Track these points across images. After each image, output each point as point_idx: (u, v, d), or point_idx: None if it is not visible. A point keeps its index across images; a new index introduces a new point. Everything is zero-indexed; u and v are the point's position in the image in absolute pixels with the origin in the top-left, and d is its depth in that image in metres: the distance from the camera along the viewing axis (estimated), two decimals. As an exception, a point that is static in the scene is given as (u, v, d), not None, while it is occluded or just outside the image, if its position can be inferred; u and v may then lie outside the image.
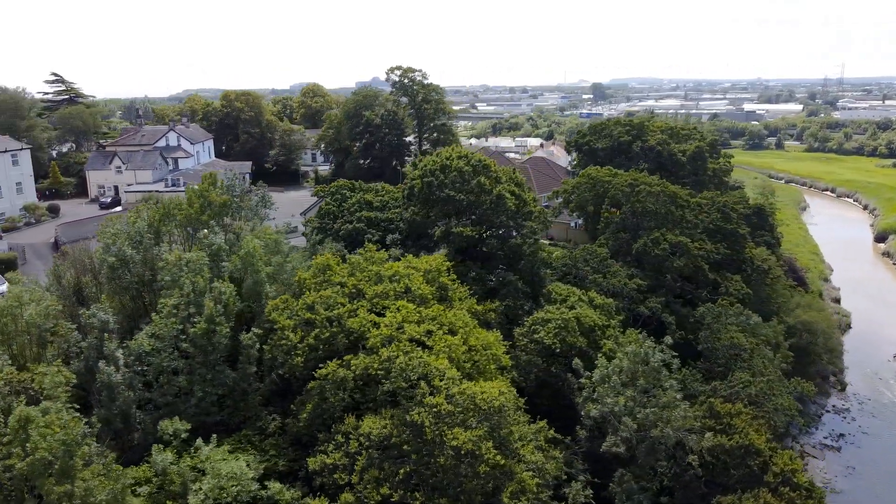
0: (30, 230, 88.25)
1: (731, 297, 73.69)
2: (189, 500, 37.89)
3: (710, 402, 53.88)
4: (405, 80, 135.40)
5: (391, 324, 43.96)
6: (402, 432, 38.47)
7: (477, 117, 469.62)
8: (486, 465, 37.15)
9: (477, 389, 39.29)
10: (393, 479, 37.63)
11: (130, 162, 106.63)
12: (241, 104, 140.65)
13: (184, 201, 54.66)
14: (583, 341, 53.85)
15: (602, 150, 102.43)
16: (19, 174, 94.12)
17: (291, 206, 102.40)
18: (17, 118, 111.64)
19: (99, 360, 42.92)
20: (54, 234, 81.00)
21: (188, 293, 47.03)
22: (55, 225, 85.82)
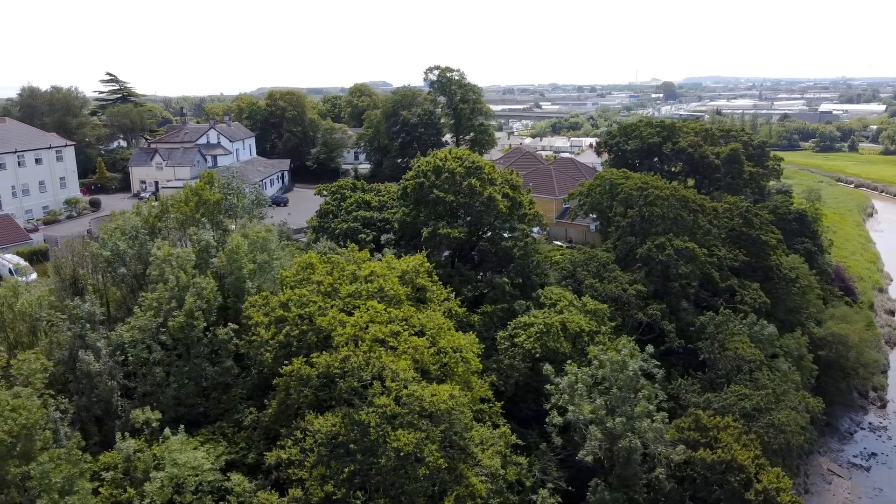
0: (70, 223, 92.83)
1: (747, 305, 71.24)
2: (145, 487, 39.32)
3: (696, 415, 52.40)
4: (443, 80, 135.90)
5: (357, 323, 44.42)
6: (350, 431, 38.91)
7: (538, 116, 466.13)
8: (427, 468, 37.14)
9: (426, 392, 39.30)
10: (338, 477, 38.11)
11: (170, 158, 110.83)
12: (285, 103, 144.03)
13: (182, 199, 56.52)
14: (567, 346, 53.12)
15: (631, 151, 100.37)
16: (63, 169, 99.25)
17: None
18: (68, 116, 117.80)
19: (79, 350, 44.92)
20: (87, 228, 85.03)
21: (172, 287, 48.76)
22: (90, 218, 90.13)
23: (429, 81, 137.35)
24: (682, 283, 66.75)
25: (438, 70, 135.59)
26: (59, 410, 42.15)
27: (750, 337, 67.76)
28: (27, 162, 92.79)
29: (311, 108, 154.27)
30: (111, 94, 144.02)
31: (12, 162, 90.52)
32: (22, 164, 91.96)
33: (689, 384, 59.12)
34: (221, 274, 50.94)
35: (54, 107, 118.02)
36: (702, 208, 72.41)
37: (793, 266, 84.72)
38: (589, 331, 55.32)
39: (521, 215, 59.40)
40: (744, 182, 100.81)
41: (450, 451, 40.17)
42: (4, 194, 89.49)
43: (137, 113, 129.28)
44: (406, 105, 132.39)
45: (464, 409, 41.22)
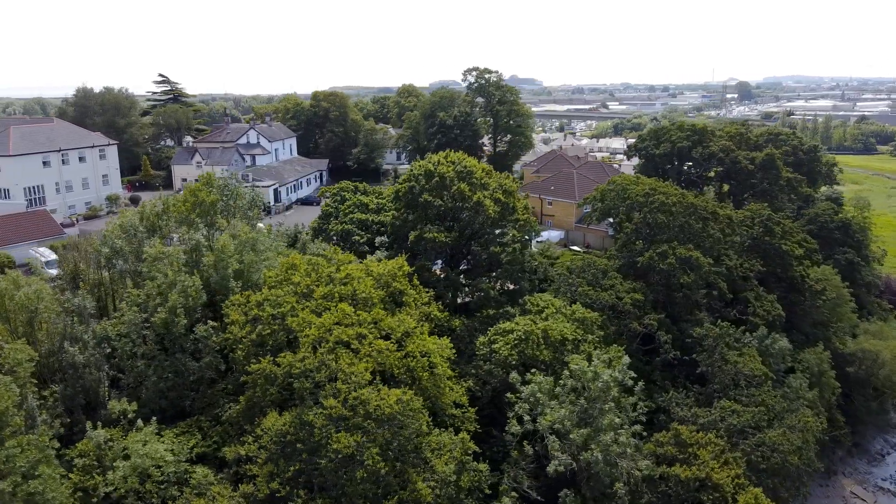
0: (108, 218, 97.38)
1: (759, 317, 68.78)
2: (108, 475, 41.24)
3: (676, 429, 51.11)
4: (481, 82, 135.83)
5: (323, 325, 45.26)
6: (298, 431, 39.78)
7: (603, 117, 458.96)
8: (366, 470, 37.62)
9: (372, 396, 39.76)
10: (284, 475, 39.07)
11: (210, 158, 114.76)
12: (328, 104, 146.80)
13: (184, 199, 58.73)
14: (548, 355, 52.59)
15: (659, 156, 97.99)
16: (106, 167, 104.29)
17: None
18: (118, 116, 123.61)
19: (64, 341, 47.39)
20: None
21: (159, 284, 50.85)
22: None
23: (467, 83, 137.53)
24: (686, 292, 64.93)
25: (477, 71, 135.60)
26: (39, 398, 44.53)
27: (759, 351, 65.54)
28: (71, 160, 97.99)
29: (354, 109, 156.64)
30: (163, 95, 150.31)
31: (57, 160, 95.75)
32: (66, 162, 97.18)
33: (680, 397, 57.56)
34: (210, 272, 52.72)
35: (105, 107, 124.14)
36: (714, 216, 70.16)
37: (820, 277, 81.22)
38: (574, 339, 54.57)
39: (513, 220, 59.04)
40: (779, 188, 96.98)
41: (396, 455, 40.54)
42: (49, 190, 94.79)
43: (183, 113, 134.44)
44: (444, 106, 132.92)
45: (417, 414, 41.46)
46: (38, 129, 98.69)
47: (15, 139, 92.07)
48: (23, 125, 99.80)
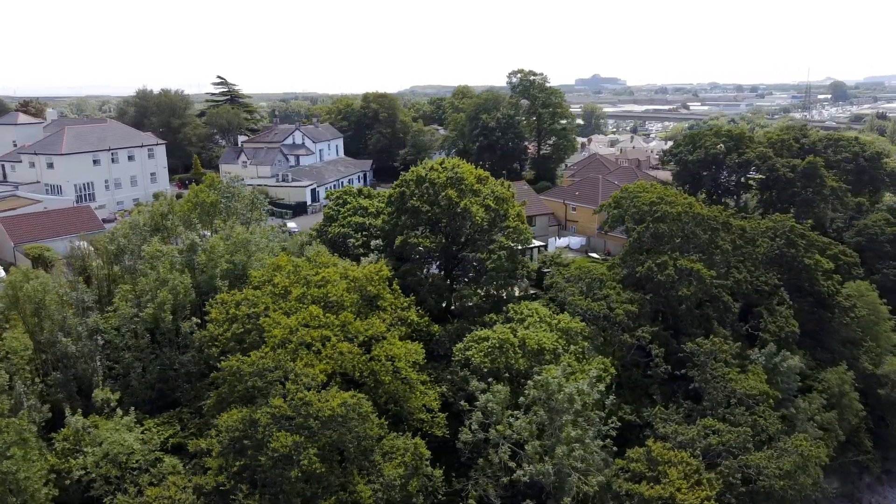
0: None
1: (769, 333, 66.18)
2: (79, 460, 44.00)
3: (647, 446, 50.08)
4: (525, 84, 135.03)
5: (287, 326, 46.77)
6: (247, 428, 41.37)
7: (680, 118, 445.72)
8: (301, 470, 38.80)
9: (313, 397, 40.90)
10: (230, 469, 40.76)
11: (254, 158, 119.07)
12: (377, 105, 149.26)
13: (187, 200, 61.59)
14: (523, 363, 52.43)
15: (692, 162, 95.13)
16: (154, 165, 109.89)
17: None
18: (172, 116, 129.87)
19: (58, 332, 50.74)
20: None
21: (153, 281, 53.67)
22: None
23: (511, 84, 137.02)
24: (689, 305, 63.18)
25: (521, 73, 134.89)
26: (31, 384, 47.89)
27: (767, 368, 63.14)
28: (120, 158, 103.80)
29: (403, 110, 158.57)
30: (221, 96, 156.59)
31: (106, 158, 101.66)
32: (115, 161, 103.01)
33: (667, 412, 56.15)
34: (202, 271, 55.21)
35: (161, 108, 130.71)
36: (725, 226, 67.88)
37: (852, 293, 77.18)
38: (553, 349, 54.16)
39: (503, 228, 59.02)
40: (822, 198, 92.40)
41: (343, 457, 41.57)
42: (98, 187, 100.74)
43: (234, 114, 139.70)
44: (487, 109, 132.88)
45: (364, 417, 42.33)
46: (92, 129, 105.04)
47: (68, 139, 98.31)
48: (77, 125, 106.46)
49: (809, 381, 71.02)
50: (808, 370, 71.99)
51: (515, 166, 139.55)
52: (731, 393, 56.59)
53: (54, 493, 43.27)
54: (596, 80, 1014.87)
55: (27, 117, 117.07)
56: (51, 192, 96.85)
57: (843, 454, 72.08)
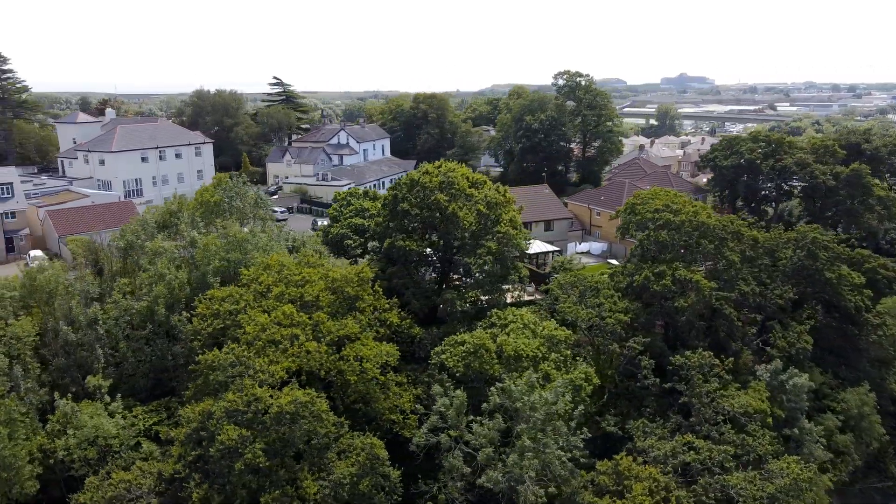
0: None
1: (777, 349, 63.50)
2: (62, 441, 47.06)
3: (616, 460, 49.17)
4: (571, 85, 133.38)
5: (259, 324, 48.52)
6: (205, 420, 43.27)
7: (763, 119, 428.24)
8: (244, 464, 40.31)
9: (264, 394, 42.33)
10: (186, 458, 42.79)
11: (299, 157, 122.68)
12: (427, 106, 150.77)
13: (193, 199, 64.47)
14: (498, 369, 52.43)
15: (726, 168, 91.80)
16: (201, 163, 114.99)
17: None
18: (225, 116, 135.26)
19: (60, 321, 54.27)
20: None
21: (152, 275, 56.64)
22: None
23: (556, 86, 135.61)
24: (689, 317, 61.32)
25: (567, 74, 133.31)
26: (25, 369, 51.44)
27: (772, 386, 60.65)
28: (167, 156, 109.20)
29: (453, 111, 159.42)
30: (276, 96, 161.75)
31: (154, 156, 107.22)
32: (163, 158, 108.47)
33: (651, 426, 54.73)
34: (197, 267, 57.78)
35: (215, 107, 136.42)
36: (736, 236, 65.41)
37: (886, 310, 72.97)
38: (533, 356, 53.86)
39: (494, 233, 59.01)
40: (867, 207, 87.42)
41: (297, 452, 42.88)
42: (146, 183, 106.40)
43: (285, 114, 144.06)
44: (533, 110, 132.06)
45: (318, 416, 43.45)
46: (142, 127, 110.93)
47: (119, 137, 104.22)
48: (129, 124, 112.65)
49: (827, 400, 67.86)
50: (828, 389, 68.78)
51: (560, 168, 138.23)
52: (720, 410, 54.64)
53: (38, 470, 46.57)
54: (682, 79, 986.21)
55: (86, 116, 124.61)
56: (102, 188, 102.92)
57: (864, 479, 68.36)
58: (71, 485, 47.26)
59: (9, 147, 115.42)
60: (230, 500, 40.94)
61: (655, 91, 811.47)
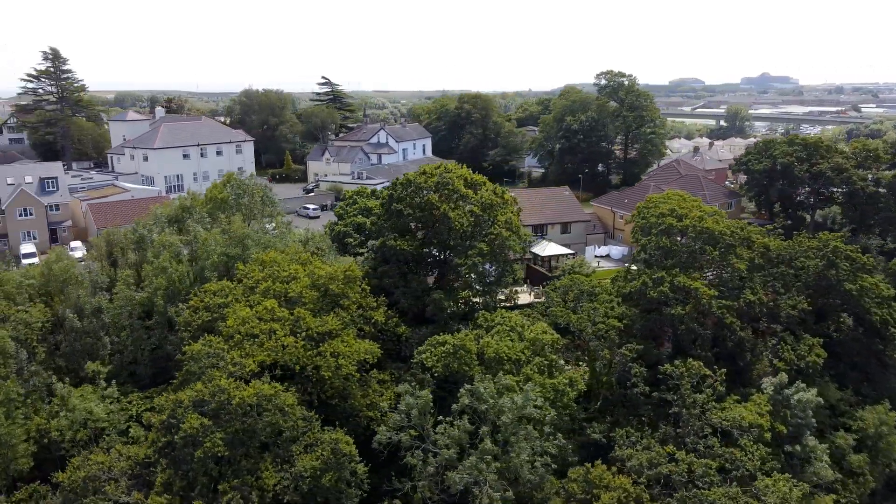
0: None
1: (784, 362, 61.02)
2: (54, 422, 49.79)
3: (587, 468, 48.47)
4: (613, 85, 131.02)
5: (239, 318, 50.08)
6: (175, 408, 45.03)
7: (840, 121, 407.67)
8: (204, 452, 41.76)
9: (229, 385, 43.67)
10: (157, 445, 44.66)
11: (338, 155, 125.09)
12: (470, 106, 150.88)
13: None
14: (477, 371, 52.40)
15: (759, 172, 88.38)
16: (241, 160, 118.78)
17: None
18: (271, 115, 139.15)
19: (66, 309, 57.36)
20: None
21: (157, 267, 59.21)
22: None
23: (598, 86, 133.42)
24: (690, 324, 59.60)
25: (608, 75, 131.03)
26: (29, 353, 54.56)
27: (775, 400, 58.37)
28: (208, 153, 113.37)
29: (498, 111, 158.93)
30: (324, 96, 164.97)
31: (196, 153, 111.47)
32: (204, 155, 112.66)
33: (636, 435, 53.51)
34: (196, 261, 60.02)
35: (262, 106, 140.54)
36: (745, 243, 63.08)
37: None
38: (516, 359, 53.58)
39: (485, 235, 58.95)
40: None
41: (264, 443, 44.12)
42: (187, 179, 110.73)
43: (328, 113, 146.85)
44: (574, 110, 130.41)
45: (281, 409, 44.52)
46: (185, 125, 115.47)
47: (162, 134, 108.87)
48: (173, 122, 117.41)
49: (844, 418, 64.76)
50: (845, 406, 65.64)
51: (602, 169, 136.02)
52: (709, 422, 52.98)
53: (33, 449, 49.47)
54: (764, 79, 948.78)
55: (136, 114, 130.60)
56: (145, 183, 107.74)
57: (884, 502, 64.98)
58: (63, 464, 49.95)
59: (66, 143, 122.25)
60: (192, 486, 42.43)
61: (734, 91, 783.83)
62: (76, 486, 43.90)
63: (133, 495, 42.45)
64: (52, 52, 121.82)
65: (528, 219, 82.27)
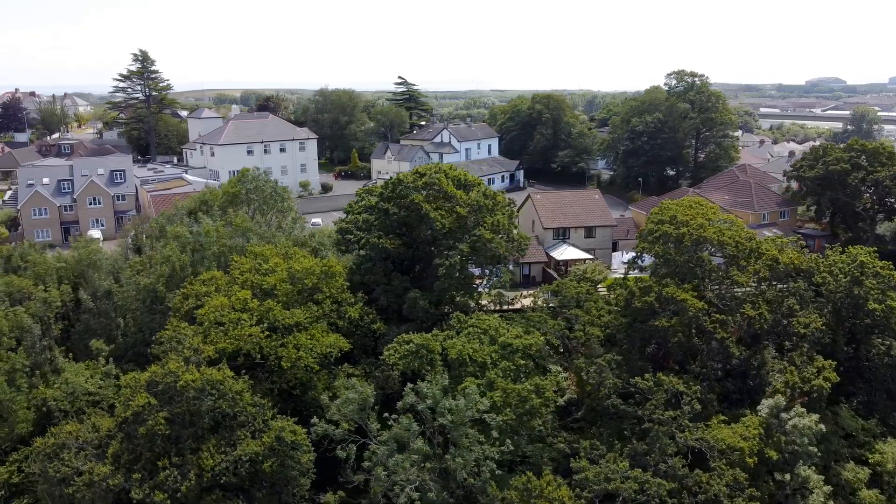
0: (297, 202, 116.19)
1: (783, 384, 56.97)
2: (50, 392, 54.63)
3: (528, 477, 47.63)
4: (685, 86, 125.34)
5: (212, 307, 52.90)
6: (133, 387, 48.30)
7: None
8: (146, 429, 44.66)
9: (178, 368, 46.32)
10: (118, 419, 48.12)
11: (399, 153, 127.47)
12: (542, 106, 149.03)
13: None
14: (439, 371, 52.58)
15: (809, 179, 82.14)
16: (304, 157, 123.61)
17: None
18: (341, 114, 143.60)
19: (79, 290, 62.63)
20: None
21: (165, 256, 63.49)
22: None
23: (668, 86, 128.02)
24: (680, 338, 56.83)
25: (678, 75, 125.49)
26: (43, 329, 59.95)
27: (769, 424, 54.76)
28: (272, 150, 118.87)
29: (571, 112, 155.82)
30: (400, 95, 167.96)
31: (259, 149, 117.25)
32: (267, 152, 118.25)
33: (601, 448, 51.74)
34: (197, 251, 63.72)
35: (334, 105, 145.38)
36: (753, 255, 59.20)
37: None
38: (482, 362, 53.30)
39: (466, 237, 58.84)
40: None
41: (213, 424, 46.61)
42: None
43: (396, 113, 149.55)
44: (641, 112, 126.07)
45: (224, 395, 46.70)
46: (252, 123, 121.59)
47: (228, 131, 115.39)
48: (241, 120, 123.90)
49: (863, 449, 59.68)
50: (866, 437, 60.43)
51: (671, 173, 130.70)
52: (677, 440, 50.45)
53: (33, 416, 54.54)
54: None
55: (211, 112, 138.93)
56: (212, 177, 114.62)
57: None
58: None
59: (151, 139, 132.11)
60: (137, 459, 45.45)
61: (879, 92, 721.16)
62: (47, 451, 48.01)
63: (87, 464, 45.91)
64: (141, 55, 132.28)
65: (549, 222, 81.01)
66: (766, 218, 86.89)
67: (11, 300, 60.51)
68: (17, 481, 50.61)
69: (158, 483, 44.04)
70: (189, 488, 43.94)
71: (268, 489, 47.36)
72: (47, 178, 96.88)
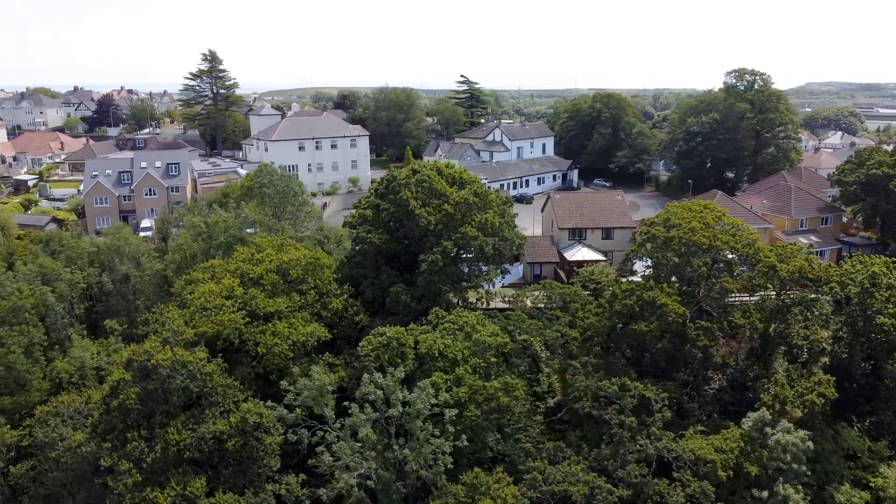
0: (344, 196, 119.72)
1: (771, 396, 54.42)
2: (60, 364, 59.51)
3: (476, 472, 47.99)
4: (745, 84, 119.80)
5: (201, 293, 56.13)
6: (130, 365, 51.97)
7: None
8: (118, 402, 48.11)
9: (154, 347, 49.51)
10: (104, 391, 52.03)
11: (450, 151, 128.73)
12: (601, 105, 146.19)
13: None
14: (411, 364, 53.66)
15: (850, 184, 77.22)
16: (355, 154, 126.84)
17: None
18: (398, 112, 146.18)
19: (103, 273, 67.68)
20: (324, 202, 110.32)
21: (179, 245, 67.77)
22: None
23: (726, 86, 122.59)
24: (664, 345, 55.36)
25: (737, 73, 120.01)
26: (66, 308, 65.20)
27: (751, 438, 52.57)
28: (324, 146, 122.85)
29: (632, 111, 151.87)
30: (462, 94, 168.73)
31: (311, 146, 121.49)
32: (319, 148, 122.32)
33: (567, 451, 51.19)
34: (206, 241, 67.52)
35: (391, 103, 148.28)
36: (751, 259, 56.68)
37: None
38: (452, 358, 53.91)
39: (452, 235, 59.49)
40: None
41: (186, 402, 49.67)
42: (301, 169, 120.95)
43: (452, 112, 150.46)
44: (695, 112, 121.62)
45: (200, 376, 49.58)
46: (305, 120, 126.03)
47: (282, 127, 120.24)
48: (295, 117, 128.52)
49: (867, 472, 56.17)
50: (871, 459, 56.77)
51: (730, 175, 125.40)
52: (641, 449, 49.26)
53: (48, 385, 59.63)
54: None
55: (270, 109, 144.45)
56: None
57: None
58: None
59: (217, 134, 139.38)
60: (112, 430, 49.04)
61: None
62: (43, 419, 52.54)
63: (68, 430, 49.96)
64: (210, 55, 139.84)
65: (564, 222, 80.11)
66: (804, 224, 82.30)
67: (43, 280, 66.07)
68: (26, 444, 55.65)
69: (126, 453, 47.35)
70: (154, 460, 47.00)
71: (234, 467, 49.84)
72: (110, 169, 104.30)
